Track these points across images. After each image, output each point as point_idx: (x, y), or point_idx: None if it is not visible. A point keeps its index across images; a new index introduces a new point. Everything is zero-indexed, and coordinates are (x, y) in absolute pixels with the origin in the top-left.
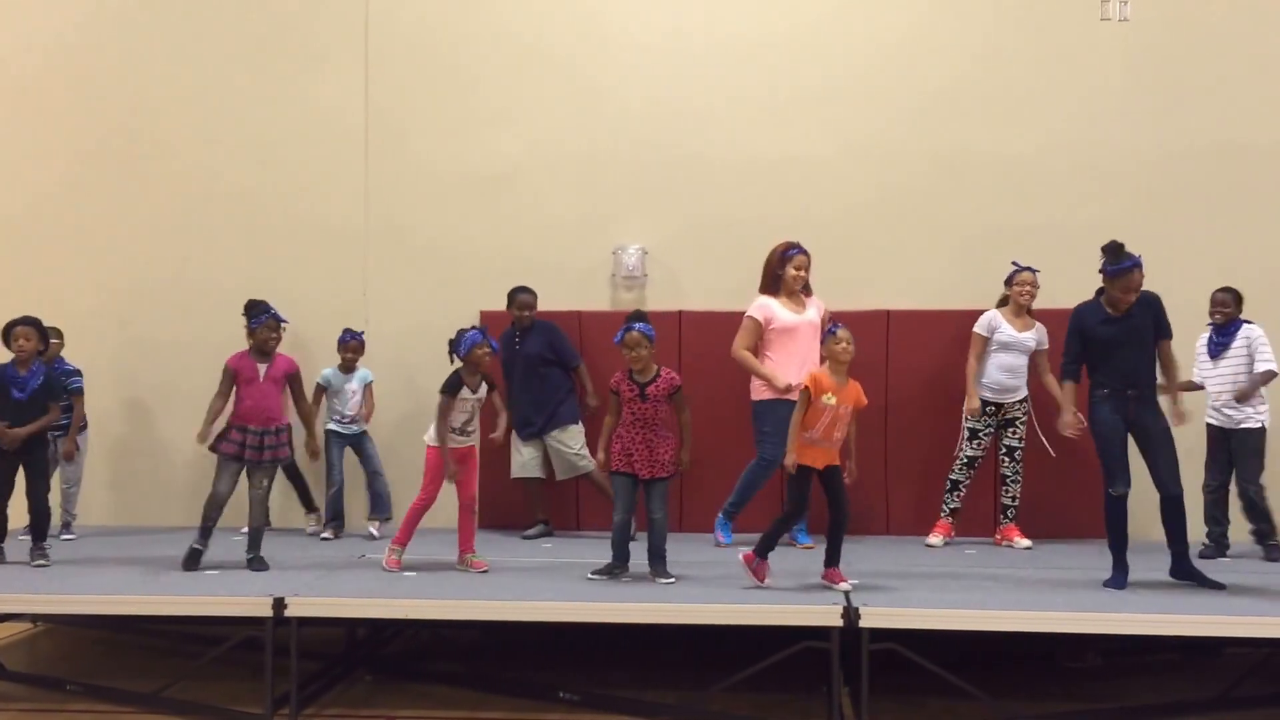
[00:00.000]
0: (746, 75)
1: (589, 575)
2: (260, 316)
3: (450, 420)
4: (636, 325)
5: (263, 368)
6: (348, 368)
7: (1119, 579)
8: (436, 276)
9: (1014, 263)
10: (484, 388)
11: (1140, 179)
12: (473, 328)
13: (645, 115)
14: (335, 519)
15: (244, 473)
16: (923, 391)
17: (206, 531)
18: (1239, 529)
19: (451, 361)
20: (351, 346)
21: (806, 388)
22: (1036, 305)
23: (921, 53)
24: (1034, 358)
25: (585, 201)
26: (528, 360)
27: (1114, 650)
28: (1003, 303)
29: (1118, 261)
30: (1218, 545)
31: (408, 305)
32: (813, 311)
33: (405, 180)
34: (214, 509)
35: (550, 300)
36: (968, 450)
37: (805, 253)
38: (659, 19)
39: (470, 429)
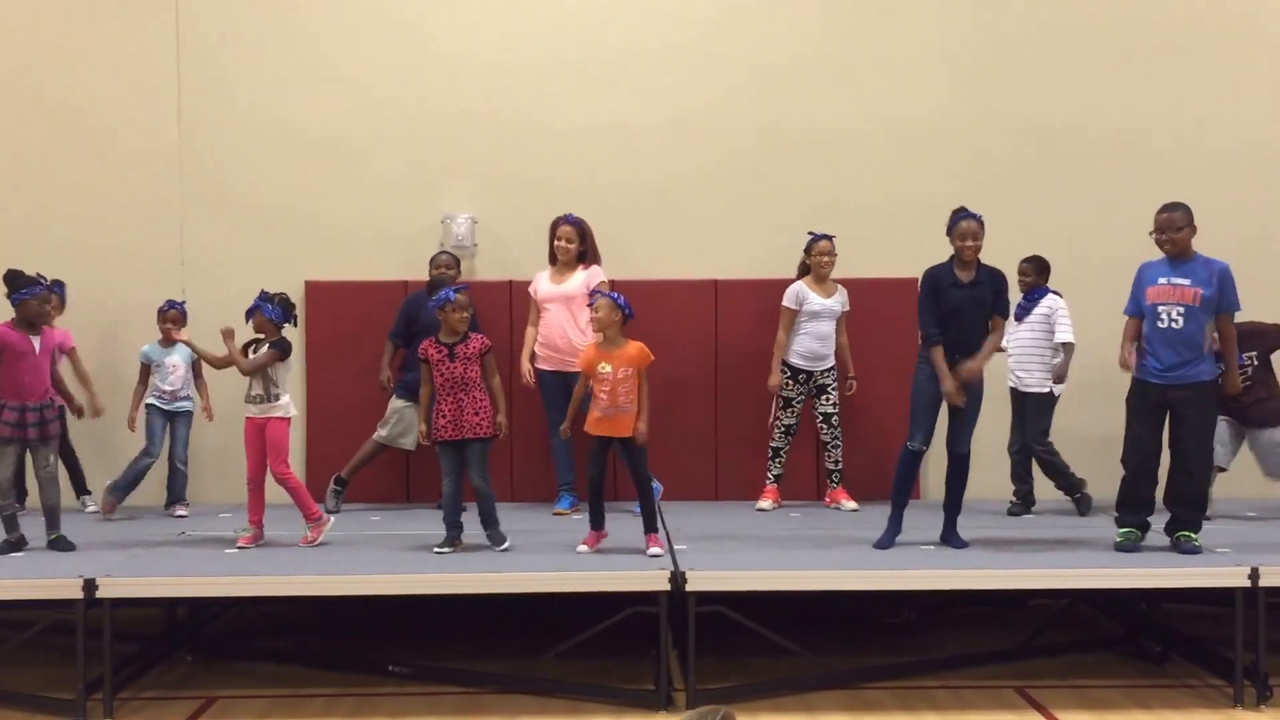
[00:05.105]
0: (578, 42)
1: (435, 550)
2: (33, 288)
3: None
4: (463, 289)
5: (36, 340)
6: (168, 340)
7: (888, 537)
8: (258, 243)
9: (810, 232)
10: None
11: (962, 154)
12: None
13: (476, 80)
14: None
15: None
16: (750, 359)
17: (11, 520)
18: (1043, 487)
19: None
20: (170, 316)
21: (582, 370)
22: (859, 275)
23: (751, 25)
24: (838, 320)
25: (413, 167)
26: None
27: (927, 605)
28: (804, 272)
29: (952, 218)
30: (1024, 503)
31: (228, 274)
32: (575, 282)
33: (223, 140)
34: (3, 497)
35: (376, 270)
36: (784, 419)
37: (571, 223)
38: None
39: (254, 395)
